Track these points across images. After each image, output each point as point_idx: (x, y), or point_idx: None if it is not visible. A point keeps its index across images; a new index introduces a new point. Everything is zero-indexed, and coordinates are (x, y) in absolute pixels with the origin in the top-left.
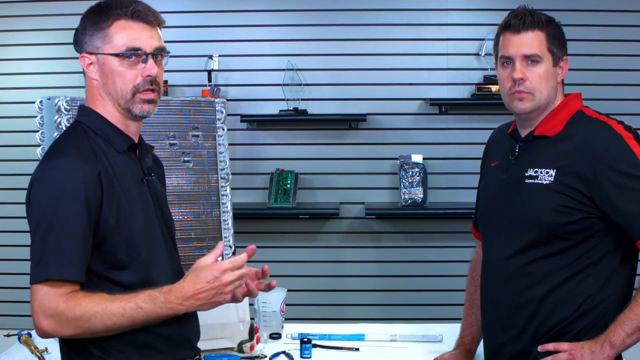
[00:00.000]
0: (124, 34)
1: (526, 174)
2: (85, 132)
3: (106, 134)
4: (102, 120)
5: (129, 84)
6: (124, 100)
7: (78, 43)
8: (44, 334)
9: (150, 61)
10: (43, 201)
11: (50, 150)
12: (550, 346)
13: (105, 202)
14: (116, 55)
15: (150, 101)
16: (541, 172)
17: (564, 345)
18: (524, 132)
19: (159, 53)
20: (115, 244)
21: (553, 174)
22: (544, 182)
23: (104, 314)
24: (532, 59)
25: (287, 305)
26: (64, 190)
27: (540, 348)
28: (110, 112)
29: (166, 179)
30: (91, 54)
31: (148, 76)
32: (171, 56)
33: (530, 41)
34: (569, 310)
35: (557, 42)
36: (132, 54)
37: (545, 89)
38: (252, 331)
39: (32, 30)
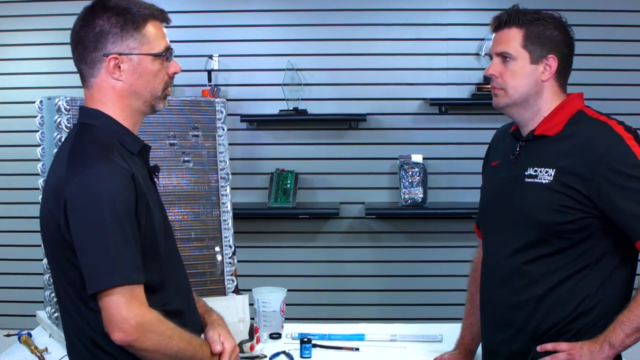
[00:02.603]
0: (159, 34)
1: (526, 173)
2: (104, 135)
3: (120, 136)
4: (114, 122)
5: (161, 82)
6: (153, 98)
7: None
8: (124, 343)
9: (174, 59)
10: (93, 208)
11: (80, 155)
12: (549, 346)
13: (138, 204)
14: (155, 55)
15: (167, 96)
16: (540, 172)
17: (562, 345)
18: (524, 132)
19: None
20: (143, 244)
21: (552, 174)
22: (543, 182)
23: (180, 338)
24: (504, 57)
25: (287, 305)
26: (112, 195)
27: (539, 348)
28: (122, 113)
29: (166, 179)
30: (120, 54)
31: (174, 73)
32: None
33: (505, 39)
34: (568, 310)
35: (538, 41)
36: (169, 54)
37: (519, 86)
38: (252, 331)
39: (32, 30)
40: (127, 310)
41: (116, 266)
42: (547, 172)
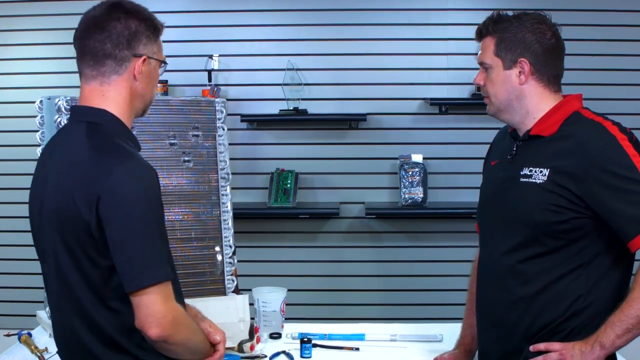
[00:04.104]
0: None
1: (521, 173)
2: (113, 134)
3: (127, 135)
4: (119, 122)
5: (155, 88)
6: (149, 103)
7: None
8: (160, 337)
9: None
10: (134, 204)
11: (107, 152)
12: (541, 346)
13: None
14: (163, 62)
15: None
16: (535, 171)
17: (555, 345)
18: (520, 133)
19: None
20: None
21: (547, 174)
22: (538, 181)
23: (199, 331)
24: (484, 66)
25: (287, 305)
26: (149, 190)
27: (531, 348)
28: (126, 113)
29: (167, 178)
30: (149, 57)
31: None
32: (171, 56)
33: (483, 48)
34: (560, 310)
35: (508, 46)
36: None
37: (499, 93)
38: (253, 331)
39: (32, 30)
40: (164, 306)
41: (160, 262)
42: (541, 172)
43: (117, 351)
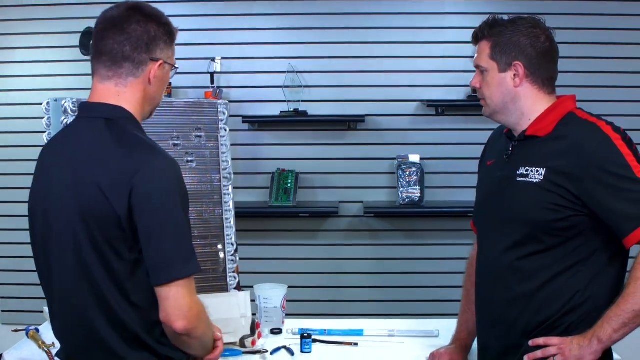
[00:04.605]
0: None
1: (518, 173)
2: (133, 128)
3: (142, 133)
4: (136, 120)
5: (164, 92)
6: (157, 106)
7: (86, 47)
8: (185, 330)
9: None
10: (169, 197)
11: (135, 146)
12: (540, 340)
13: None
14: (174, 67)
15: None
16: (532, 171)
17: (554, 340)
18: (516, 133)
19: None
20: None
21: (543, 173)
22: (534, 181)
23: (212, 326)
24: (480, 69)
25: (287, 301)
26: (180, 184)
27: (531, 342)
28: (138, 115)
29: None
30: (165, 62)
31: None
32: (175, 59)
33: (479, 52)
34: (559, 306)
35: (503, 50)
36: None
37: (495, 95)
38: (254, 326)
39: (39, 34)
40: (190, 299)
41: (189, 255)
42: (537, 171)
43: (138, 347)
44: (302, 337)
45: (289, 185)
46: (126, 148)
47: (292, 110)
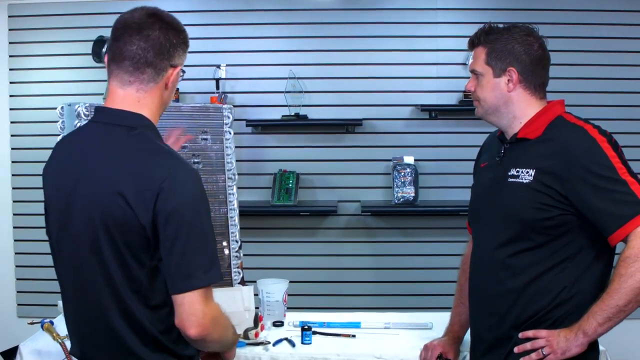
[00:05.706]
0: None
1: (509, 174)
2: (154, 136)
3: (161, 140)
4: (155, 128)
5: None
6: (164, 110)
7: (98, 54)
8: (199, 336)
9: None
10: (196, 205)
11: (161, 154)
12: (529, 333)
13: None
14: (183, 71)
15: None
16: (522, 172)
17: (542, 332)
18: (507, 136)
19: None
20: None
21: (532, 174)
22: (524, 181)
23: (230, 327)
24: (475, 73)
25: (288, 295)
26: (203, 192)
27: (520, 335)
28: (155, 121)
29: None
30: (176, 66)
31: None
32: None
33: (475, 57)
34: (547, 300)
35: (498, 56)
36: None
37: (488, 98)
38: (257, 319)
39: (53, 42)
40: (207, 306)
41: (212, 264)
42: (527, 172)
43: (155, 347)
44: (303, 329)
45: (290, 185)
46: (150, 157)
47: (293, 114)
